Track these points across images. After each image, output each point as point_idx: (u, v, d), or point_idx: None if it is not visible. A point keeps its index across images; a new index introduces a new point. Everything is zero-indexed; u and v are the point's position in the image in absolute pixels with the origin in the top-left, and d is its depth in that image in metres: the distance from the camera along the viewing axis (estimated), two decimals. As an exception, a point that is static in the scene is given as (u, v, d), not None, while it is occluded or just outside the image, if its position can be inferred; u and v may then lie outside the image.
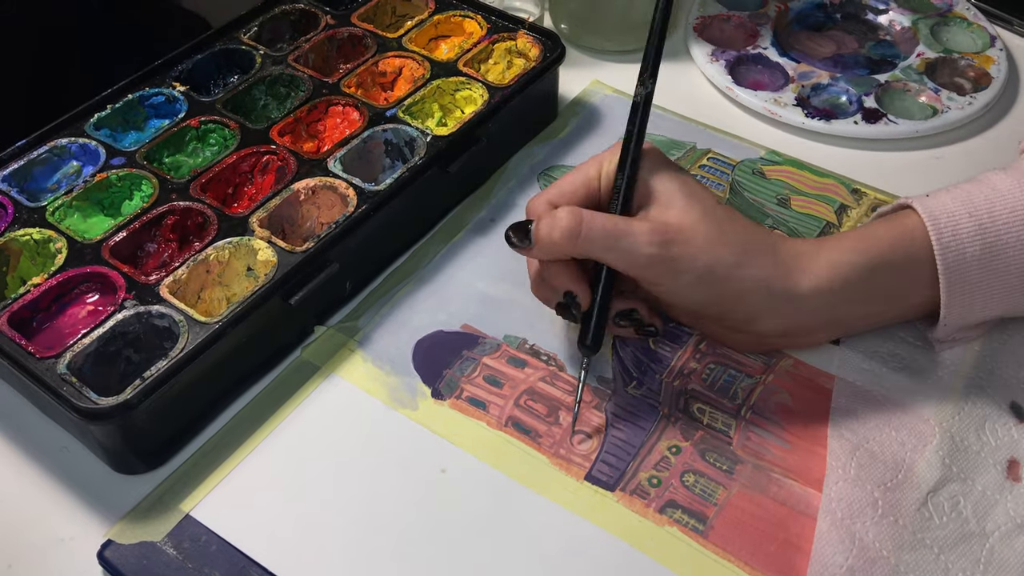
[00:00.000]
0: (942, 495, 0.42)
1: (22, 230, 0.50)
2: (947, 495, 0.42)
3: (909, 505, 0.42)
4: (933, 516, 0.42)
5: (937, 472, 0.43)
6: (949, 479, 0.43)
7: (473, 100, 0.59)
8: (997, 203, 0.44)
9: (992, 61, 0.66)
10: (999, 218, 0.43)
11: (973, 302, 0.45)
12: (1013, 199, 0.44)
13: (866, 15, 0.72)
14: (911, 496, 0.42)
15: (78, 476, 0.45)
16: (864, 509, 0.42)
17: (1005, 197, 0.44)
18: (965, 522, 0.42)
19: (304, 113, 0.57)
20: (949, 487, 0.43)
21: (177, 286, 0.48)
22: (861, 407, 0.46)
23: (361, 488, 0.44)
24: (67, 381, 0.43)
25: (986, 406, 0.46)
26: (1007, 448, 0.45)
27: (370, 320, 0.51)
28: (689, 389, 0.48)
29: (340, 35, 0.62)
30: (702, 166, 0.60)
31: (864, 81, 0.65)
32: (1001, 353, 0.48)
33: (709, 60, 0.67)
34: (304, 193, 0.52)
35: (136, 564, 0.42)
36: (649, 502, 0.44)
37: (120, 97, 0.57)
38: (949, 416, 0.45)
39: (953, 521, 0.42)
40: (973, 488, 0.43)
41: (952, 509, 0.42)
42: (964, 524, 0.42)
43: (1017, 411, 0.46)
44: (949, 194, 0.45)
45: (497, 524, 0.43)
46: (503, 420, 0.47)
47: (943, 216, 0.44)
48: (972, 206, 0.44)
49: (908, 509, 0.42)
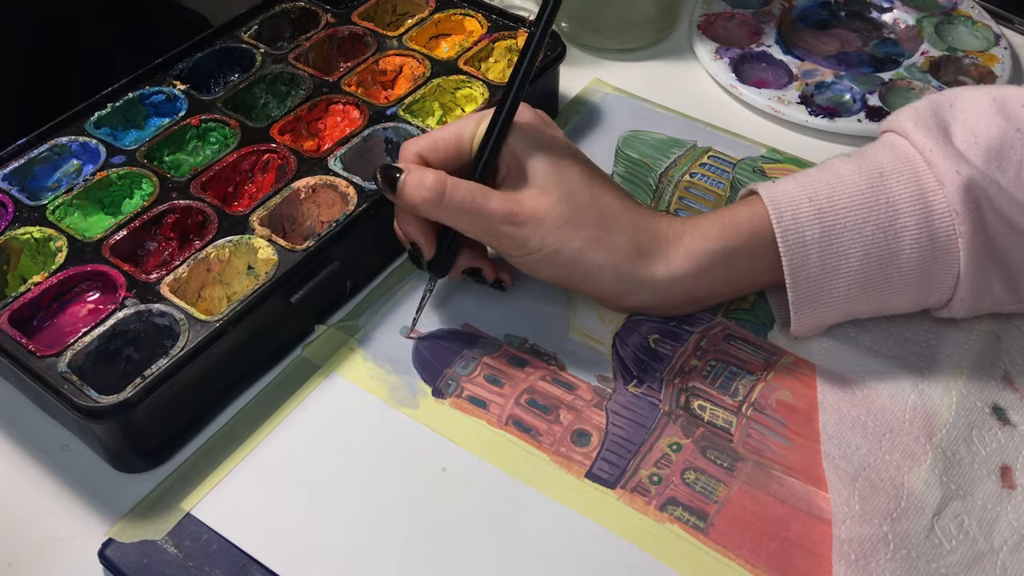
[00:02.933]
0: (946, 516, 0.42)
1: (22, 228, 0.50)
2: (951, 515, 0.42)
3: (918, 534, 0.42)
4: (943, 542, 0.41)
5: (937, 492, 0.43)
6: (950, 498, 0.43)
7: (473, 99, 0.59)
8: (837, 188, 0.45)
9: (996, 60, 0.66)
10: (838, 202, 0.45)
11: (819, 284, 0.46)
12: (852, 184, 0.45)
13: (870, 13, 0.72)
14: (918, 524, 0.42)
15: (79, 475, 0.45)
16: (876, 547, 0.41)
17: (845, 183, 0.46)
18: (973, 542, 0.42)
19: (304, 111, 0.57)
20: (952, 506, 0.42)
21: (178, 285, 0.48)
22: (848, 419, 0.46)
23: (362, 487, 0.44)
24: (68, 379, 0.43)
25: (970, 413, 0.46)
26: (997, 455, 0.45)
27: (371, 319, 0.51)
28: (690, 386, 0.48)
29: (341, 33, 0.62)
30: (702, 164, 0.60)
31: (868, 79, 0.65)
32: (984, 354, 0.48)
33: (713, 58, 0.67)
34: (304, 192, 0.52)
35: (137, 563, 0.42)
36: (650, 500, 0.44)
37: (120, 95, 0.57)
38: (938, 429, 0.45)
39: (963, 544, 0.41)
40: (974, 504, 0.43)
41: (959, 530, 0.42)
42: (973, 544, 0.41)
43: (999, 414, 0.46)
44: (793, 180, 0.47)
45: (498, 523, 0.43)
46: (504, 419, 0.47)
47: (784, 200, 0.46)
48: (813, 191, 0.46)
49: (918, 538, 0.41)
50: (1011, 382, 0.47)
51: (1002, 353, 0.48)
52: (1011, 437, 0.45)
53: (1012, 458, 0.45)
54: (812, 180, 0.46)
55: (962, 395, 0.46)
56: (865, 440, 0.45)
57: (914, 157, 0.46)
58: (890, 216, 0.45)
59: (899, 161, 0.46)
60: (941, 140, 0.46)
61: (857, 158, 0.47)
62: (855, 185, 0.46)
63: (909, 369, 0.48)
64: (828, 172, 0.47)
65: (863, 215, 0.45)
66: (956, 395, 0.46)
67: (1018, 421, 0.46)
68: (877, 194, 0.45)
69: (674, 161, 0.60)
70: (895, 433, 0.45)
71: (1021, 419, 0.46)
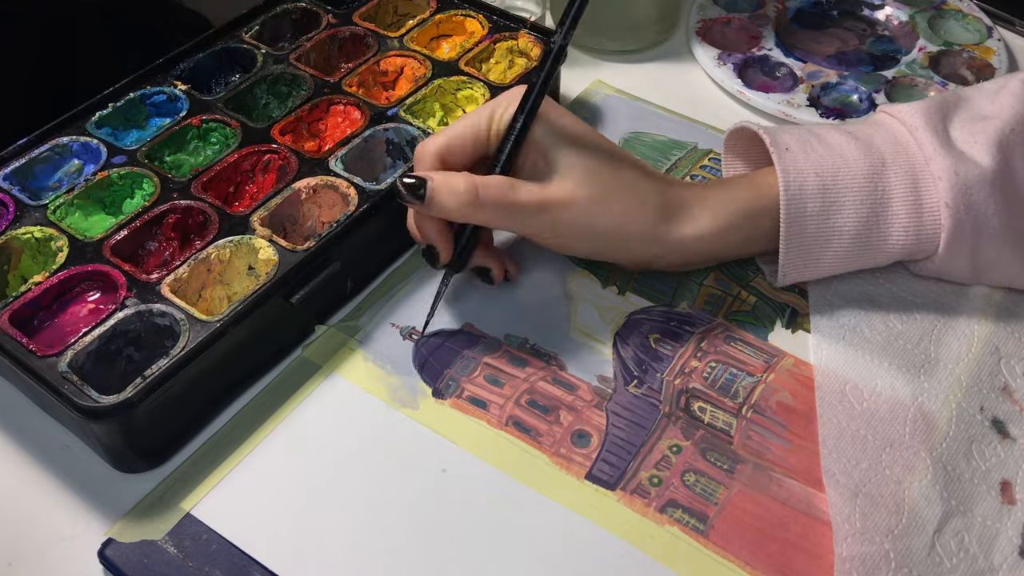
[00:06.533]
0: (947, 533, 0.42)
1: (23, 228, 0.50)
2: (952, 532, 0.42)
3: (919, 552, 0.41)
4: (943, 559, 0.41)
5: (938, 508, 0.43)
6: (950, 514, 0.43)
7: (474, 100, 0.59)
8: (842, 168, 0.48)
9: (992, 52, 0.66)
10: (840, 182, 0.48)
11: (811, 250, 0.49)
12: (856, 167, 0.48)
13: (863, 11, 0.72)
14: (919, 541, 0.42)
15: (79, 474, 0.45)
16: (878, 565, 0.41)
17: (850, 165, 0.48)
18: (974, 560, 0.41)
19: (305, 112, 0.57)
20: (952, 523, 0.42)
21: (178, 285, 0.48)
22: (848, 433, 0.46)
23: (362, 487, 0.44)
24: (68, 379, 0.43)
25: (970, 426, 0.46)
26: (997, 469, 0.44)
27: (371, 319, 0.51)
28: (690, 388, 0.48)
29: (342, 34, 0.62)
30: (703, 166, 0.60)
31: (872, 78, 0.65)
32: (983, 366, 0.48)
33: (716, 64, 0.66)
34: (305, 192, 0.52)
35: (137, 563, 0.42)
36: (650, 501, 0.44)
37: (122, 95, 0.57)
38: (938, 443, 0.45)
39: (963, 561, 0.41)
40: (974, 520, 0.43)
41: (959, 547, 0.42)
42: (973, 562, 0.41)
43: (999, 427, 0.46)
44: (804, 154, 0.49)
45: (498, 524, 0.43)
46: (504, 419, 0.47)
47: (792, 171, 0.48)
48: (820, 167, 0.48)
49: (919, 556, 0.41)
50: (1010, 394, 0.47)
51: (1001, 365, 0.48)
52: (1011, 451, 0.45)
53: (1012, 473, 0.44)
54: (820, 157, 0.49)
55: (961, 408, 0.46)
56: (865, 455, 0.45)
57: (915, 154, 0.48)
58: (884, 203, 0.48)
59: (900, 156, 0.49)
60: (944, 139, 0.48)
61: (864, 147, 0.49)
62: (858, 168, 0.48)
63: (908, 381, 0.47)
64: (835, 154, 0.49)
65: (861, 197, 0.48)
66: (955, 407, 0.46)
67: (1018, 435, 0.46)
68: (876, 182, 0.48)
69: (675, 163, 0.60)
70: (895, 447, 0.45)
71: (1021, 433, 0.46)
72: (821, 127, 0.51)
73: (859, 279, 0.52)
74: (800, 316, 0.51)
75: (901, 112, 0.50)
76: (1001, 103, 0.50)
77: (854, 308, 0.51)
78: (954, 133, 0.49)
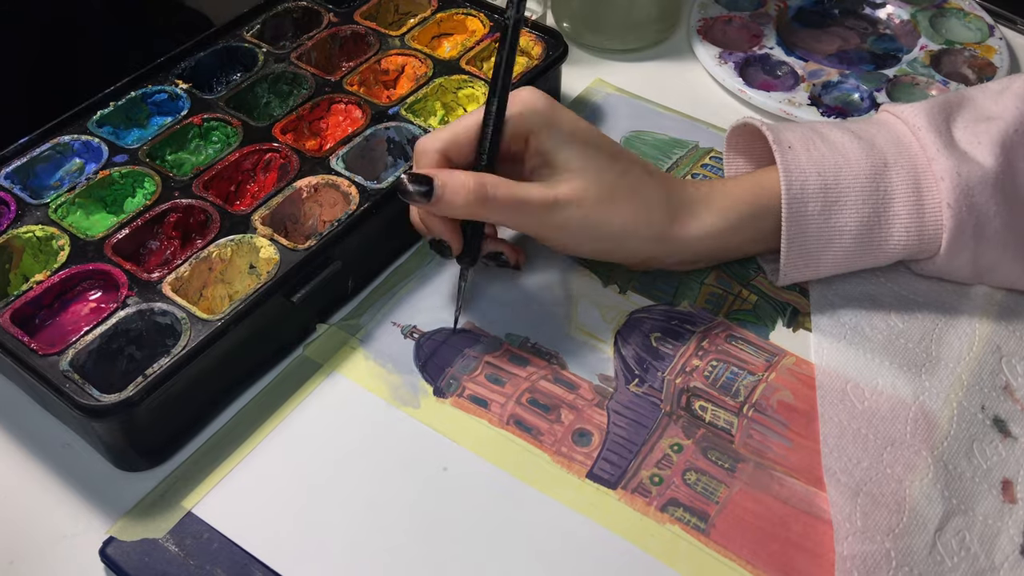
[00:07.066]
0: (948, 532, 0.42)
1: (25, 227, 0.50)
2: (953, 531, 0.42)
3: (920, 550, 0.41)
4: (944, 559, 0.41)
5: (939, 507, 0.43)
6: (951, 513, 0.43)
7: (475, 98, 0.59)
8: (844, 168, 0.48)
9: (994, 51, 0.66)
10: (843, 182, 0.48)
11: (813, 251, 0.49)
12: (858, 167, 0.48)
13: (864, 9, 0.72)
14: (920, 540, 0.42)
15: (80, 473, 0.45)
16: (879, 564, 0.41)
17: (852, 165, 0.48)
18: (975, 559, 0.41)
19: (307, 111, 0.57)
20: (953, 522, 0.42)
21: (179, 283, 0.48)
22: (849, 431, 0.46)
23: (363, 486, 0.44)
24: (69, 378, 0.43)
25: (971, 425, 0.46)
26: (998, 468, 0.44)
27: (372, 318, 0.51)
28: (691, 387, 0.48)
29: (343, 33, 0.62)
30: (704, 165, 0.60)
31: (873, 77, 0.65)
32: (985, 365, 0.48)
33: (717, 63, 0.66)
34: (306, 191, 0.52)
35: (138, 561, 0.42)
36: (651, 500, 0.44)
37: (123, 94, 0.57)
38: (939, 442, 0.45)
39: (964, 560, 0.41)
40: (975, 519, 0.43)
41: (960, 546, 0.42)
42: (975, 561, 0.41)
43: (1000, 426, 0.46)
44: (807, 152, 0.49)
45: (498, 522, 0.43)
46: (505, 418, 0.47)
47: (795, 171, 0.48)
48: (822, 167, 0.48)
49: (920, 555, 0.41)
50: (1012, 393, 0.47)
51: (1003, 364, 0.48)
52: (1012, 450, 0.45)
53: (1013, 471, 0.44)
54: (823, 156, 0.49)
55: (962, 406, 0.46)
56: (866, 454, 0.45)
57: (917, 154, 0.48)
58: (885, 203, 0.48)
59: (902, 157, 0.49)
60: (947, 140, 0.48)
61: (867, 147, 0.49)
62: (860, 168, 0.48)
63: (909, 379, 0.47)
64: (838, 153, 0.49)
65: (863, 197, 0.48)
66: (956, 406, 0.46)
67: (1019, 433, 0.46)
68: (878, 182, 0.48)
69: (676, 161, 0.60)
70: (896, 446, 0.45)
71: (1022, 431, 0.46)
72: (824, 125, 0.51)
73: (860, 278, 0.52)
74: (801, 315, 0.51)
75: (904, 112, 0.50)
76: (1005, 104, 0.50)
77: (855, 307, 0.51)
78: (957, 134, 0.49)
